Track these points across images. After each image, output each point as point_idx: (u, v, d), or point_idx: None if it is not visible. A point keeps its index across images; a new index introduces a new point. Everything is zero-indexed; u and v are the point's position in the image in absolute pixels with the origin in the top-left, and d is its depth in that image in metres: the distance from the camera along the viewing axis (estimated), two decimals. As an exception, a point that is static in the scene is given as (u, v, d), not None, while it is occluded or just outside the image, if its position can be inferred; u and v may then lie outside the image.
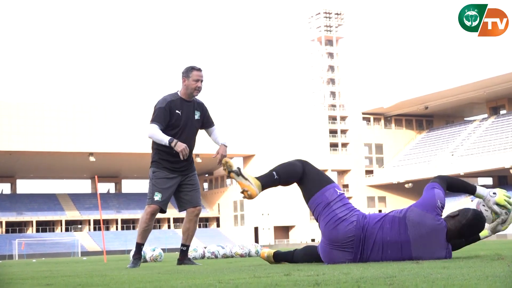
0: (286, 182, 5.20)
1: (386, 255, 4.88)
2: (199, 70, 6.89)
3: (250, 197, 5.05)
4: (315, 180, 5.10)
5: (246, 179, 5.08)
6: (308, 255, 5.40)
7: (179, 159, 6.81)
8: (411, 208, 4.89)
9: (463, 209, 4.95)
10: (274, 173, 5.18)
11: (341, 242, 4.88)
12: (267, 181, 5.15)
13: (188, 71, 6.86)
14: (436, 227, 4.81)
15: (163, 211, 6.98)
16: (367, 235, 4.87)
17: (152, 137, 6.68)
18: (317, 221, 5.10)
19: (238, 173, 5.09)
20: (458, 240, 5.08)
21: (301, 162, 5.23)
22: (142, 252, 10.08)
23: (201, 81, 6.87)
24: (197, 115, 6.95)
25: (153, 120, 6.68)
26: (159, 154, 6.87)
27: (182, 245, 7.14)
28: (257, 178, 5.18)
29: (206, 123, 7.10)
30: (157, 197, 6.82)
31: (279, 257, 5.58)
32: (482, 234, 5.31)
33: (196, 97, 6.96)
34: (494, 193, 5.23)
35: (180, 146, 6.54)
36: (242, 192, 5.06)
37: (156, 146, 6.90)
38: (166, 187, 6.84)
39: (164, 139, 6.58)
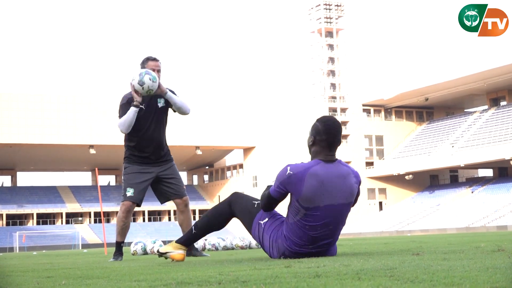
0: (205, 233, 5.22)
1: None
2: (155, 60, 6.75)
3: (181, 260, 5.24)
4: (247, 212, 5.00)
5: (165, 253, 5.28)
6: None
7: (148, 151, 6.76)
8: (292, 198, 4.66)
9: (311, 130, 4.68)
10: (193, 227, 5.23)
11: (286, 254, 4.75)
12: (188, 239, 5.29)
13: (144, 62, 6.75)
14: (315, 171, 4.56)
15: (138, 205, 6.90)
16: (297, 246, 4.70)
17: (122, 124, 6.57)
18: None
19: (161, 254, 5.32)
20: None
21: (228, 201, 5.13)
22: (142, 244, 10.12)
23: (158, 71, 6.70)
24: (161, 103, 6.76)
25: (119, 118, 6.64)
26: (129, 149, 6.83)
27: None
28: (177, 241, 5.33)
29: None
30: (129, 192, 6.76)
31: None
32: None
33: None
34: None
35: (135, 97, 6.50)
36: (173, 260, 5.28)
37: (127, 142, 6.85)
38: (138, 182, 6.76)
39: (129, 111, 6.53)
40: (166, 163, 6.92)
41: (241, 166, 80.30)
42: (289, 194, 4.69)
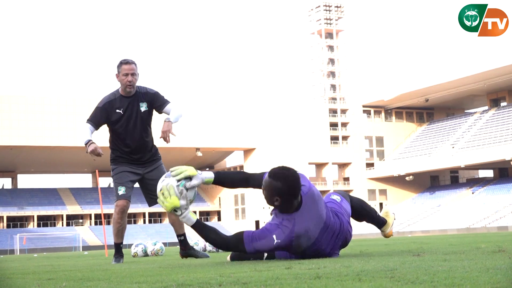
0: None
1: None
2: (128, 63, 6.57)
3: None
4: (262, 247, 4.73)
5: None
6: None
7: (135, 154, 6.75)
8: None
9: (271, 191, 4.56)
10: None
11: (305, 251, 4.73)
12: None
13: (118, 66, 6.61)
14: (286, 231, 4.56)
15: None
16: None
17: (80, 135, 6.62)
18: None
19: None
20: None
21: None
22: (143, 246, 10.12)
23: (132, 74, 6.54)
24: (143, 107, 6.66)
25: (88, 120, 6.62)
26: (115, 152, 6.84)
27: (178, 236, 6.95)
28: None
29: (159, 106, 6.67)
30: (121, 191, 6.76)
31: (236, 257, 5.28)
32: None
33: (133, 90, 6.62)
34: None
35: (90, 148, 6.39)
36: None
37: (112, 145, 6.85)
38: (127, 180, 6.77)
39: (83, 139, 6.53)
40: (153, 163, 6.88)
41: (241, 167, 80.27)
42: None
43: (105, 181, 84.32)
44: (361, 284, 2.67)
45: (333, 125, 79.21)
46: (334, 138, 78.99)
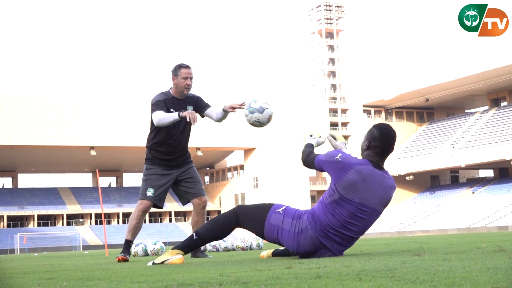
0: (212, 240, 5.22)
1: (356, 226, 4.80)
2: (187, 67, 6.81)
3: (180, 263, 5.09)
4: (256, 218, 5.02)
5: (161, 263, 5.11)
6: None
7: (173, 155, 6.84)
8: (335, 186, 4.74)
9: (367, 135, 4.87)
10: (194, 234, 5.20)
11: (312, 250, 4.83)
12: (186, 245, 5.20)
13: (177, 70, 6.79)
14: (364, 171, 4.71)
15: (159, 207, 6.95)
16: (325, 227, 4.77)
17: (161, 120, 6.53)
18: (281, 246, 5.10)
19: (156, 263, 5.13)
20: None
21: (234, 212, 5.14)
22: (143, 245, 10.12)
23: (190, 78, 6.80)
24: (190, 109, 6.85)
25: (155, 110, 6.64)
26: (152, 151, 6.88)
27: None
28: (173, 248, 5.24)
29: (202, 108, 6.95)
30: (150, 192, 6.82)
31: (278, 256, 5.54)
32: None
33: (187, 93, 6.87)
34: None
35: (186, 113, 6.38)
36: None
37: (150, 144, 6.91)
38: (159, 184, 6.84)
39: (173, 115, 6.48)
40: (186, 164, 7.03)
41: (241, 167, 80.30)
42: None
43: (105, 181, 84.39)
44: (361, 283, 2.67)
45: (334, 125, 79.24)
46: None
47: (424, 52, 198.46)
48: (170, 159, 6.88)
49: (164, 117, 6.53)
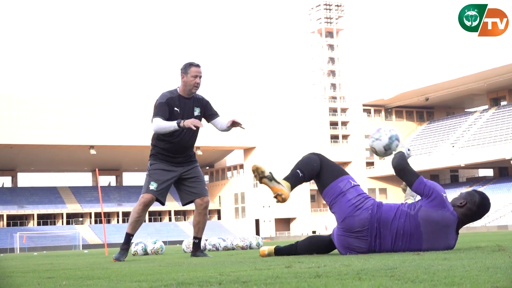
0: (310, 178, 5.25)
1: (397, 246, 4.92)
2: (198, 66, 6.79)
3: (284, 200, 5.04)
4: (329, 172, 5.15)
5: (278, 183, 5.07)
6: (313, 244, 5.37)
7: (177, 153, 6.83)
8: (421, 208, 4.86)
9: (467, 195, 4.93)
10: (299, 171, 5.19)
11: (356, 230, 4.92)
12: (295, 181, 5.17)
13: (187, 68, 6.76)
14: (449, 221, 4.84)
15: (161, 203, 6.92)
16: (381, 224, 4.90)
17: (159, 129, 6.54)
18: (331, 210, 5.13)
19: (271, 178, 5.09)
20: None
21: (317, 156, 5.26)
22: (143, 245, 10.12)
23: (200, 77, 6.77)
24: (196, 112, 6.84)
25: (155, 115, 6.62)
26: (157, 148, 6.88)
27: (194, 237, 7.11)
28: (285, 179, 5.17)
29: (209, 115, 6.98)
30: (153, 186, 6.80)
31: (280, 253, 5.53)
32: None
33: (196, 92, 6.86)
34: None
35: (188, 122, 6.38)
36: (276, 197, 5.04)
37: (155, 142, 6.89)
38: (163, 179, 6.81)
39: (172, 124, 6.47)
40: (190, 164, 7.00)
41: (241, 166, 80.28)
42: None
43: (105, 180, 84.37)
44: (361, 283, 2.67)
45: (333, 124, 79.23)
46: (334, 137, 79.01)
47: (424, 51, 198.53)
48: (174, 156, 6.86)
49: (163, 127, 6.52)
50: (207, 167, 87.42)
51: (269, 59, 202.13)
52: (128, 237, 6.96)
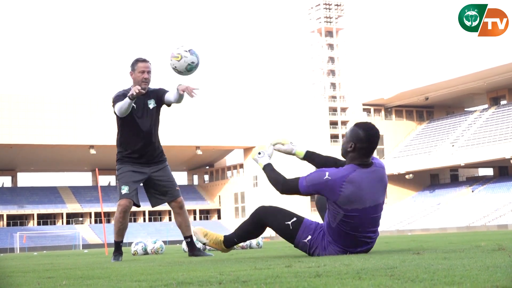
0: (247, 239, 5.29)
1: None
2: (145, 61, 6.73)
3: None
4: (283, 235, 5.03)
5: (205, 244, 5.38)
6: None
7: (142, 152, 6.76)
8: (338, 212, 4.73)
9: (351, 135, 4.70)
10: (233, 235, 5.31)
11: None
12: (230, 243, 5.35)
13: (134, 64, 6.73)
14: (350, 189, 4.61)
15: (137, 205, 6.84)
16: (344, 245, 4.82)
17: (120, 109, 6.50)
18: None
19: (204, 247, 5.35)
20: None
21: (261, 225, 5.13)
22: (143, 244, 10.12)
23: (148, 72, 6.69)
24: (151, 104, 6.76)
25: (114, 102, 6.58)
26: (122, 151, 6.84)
27: (185, 237, 7.06)
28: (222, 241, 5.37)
29: (161, 96, 6.78)
30: (124, 190, 6.73)
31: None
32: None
33: (148, 88, 6.74)
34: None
35: (133, 89, 6.36)
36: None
37: (118, 146, 6.87)
38: (132, 181, 6.74)
39: (125, 100, 6.44)
40: (159, 163, 6.90)
41: (241, 166, 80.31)
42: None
43: (105, 180, 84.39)
44: (361, 282, 2.67)
45: (333, 124, 79.22)
46: (334, 137, 79.00)
47: (424, 50, 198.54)
48: (140, 156, 6.77)
49: (121, 105, 6.48)
50: (207, 167, 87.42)
51: (269, 58, 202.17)
52: (118, 244, 6.93)
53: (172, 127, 65.42)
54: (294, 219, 5.01)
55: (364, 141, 4.67)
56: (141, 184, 6.94)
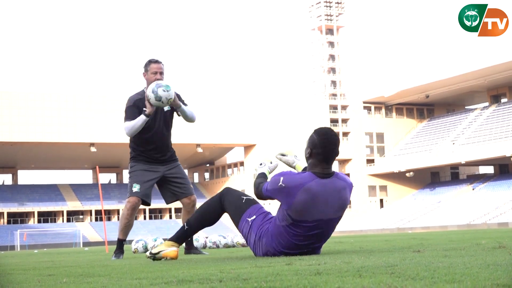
0: (202, 227, 5.20)
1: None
2: (157, 62, 6.74)
3: (174, 258, 5.25)
4: (233, 214, 5.02)
5: (157, 253, 5.27)
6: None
7: (156, 151, 6.78)
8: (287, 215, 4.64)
9: (309, 142, 4.64)
10: (185, 224, 5.24)
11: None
12: (179, 236, 5.27)
13: (146, 65, 6.73)
14: (309, 196, 4.50)
15: (147, 203, 6.86)
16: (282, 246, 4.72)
17: (130, 131, 6.53)
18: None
19: (153, 256, 5.28)
20: None
21: (219, 201, 5.12)
22: (144, 242, 10.12)
23: (160, 73, 6.69)
24: (166, 107, 6.78)
25: (124, 120, 6.59)
26: (135, 150, 6.84)
27: None
28: (168, 239, 5.33)
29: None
30: (135, 188, 6.73)
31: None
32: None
33: None
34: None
35: (150, 109, 6.44)
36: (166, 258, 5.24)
37: (132, 144, 6.85)
38: (145, 180, 6.74)
39: (139, 119, 6.48)
40: (172, 162, 6.94)
41: (242, 163, 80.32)
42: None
43: (106, 177, 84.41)
44: (362, 280, 2.67)
45: (334, 121, 79.20)
46: (334, 135, 78.93)
47: (424, 48, 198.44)
48: (154, 155, 6.79)
49: (132, 126, 6.51)
50: (207, 165, 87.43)
51: (269, 56, 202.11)
52: (121, 242, 6.95)
53: (173, 125, 65.35)
54: (251, 197, 5.03)
55: (318, 146, 4.54)
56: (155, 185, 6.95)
